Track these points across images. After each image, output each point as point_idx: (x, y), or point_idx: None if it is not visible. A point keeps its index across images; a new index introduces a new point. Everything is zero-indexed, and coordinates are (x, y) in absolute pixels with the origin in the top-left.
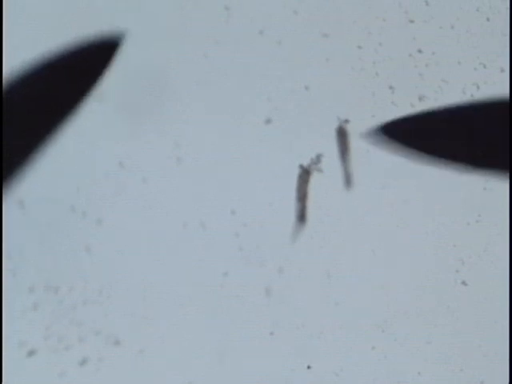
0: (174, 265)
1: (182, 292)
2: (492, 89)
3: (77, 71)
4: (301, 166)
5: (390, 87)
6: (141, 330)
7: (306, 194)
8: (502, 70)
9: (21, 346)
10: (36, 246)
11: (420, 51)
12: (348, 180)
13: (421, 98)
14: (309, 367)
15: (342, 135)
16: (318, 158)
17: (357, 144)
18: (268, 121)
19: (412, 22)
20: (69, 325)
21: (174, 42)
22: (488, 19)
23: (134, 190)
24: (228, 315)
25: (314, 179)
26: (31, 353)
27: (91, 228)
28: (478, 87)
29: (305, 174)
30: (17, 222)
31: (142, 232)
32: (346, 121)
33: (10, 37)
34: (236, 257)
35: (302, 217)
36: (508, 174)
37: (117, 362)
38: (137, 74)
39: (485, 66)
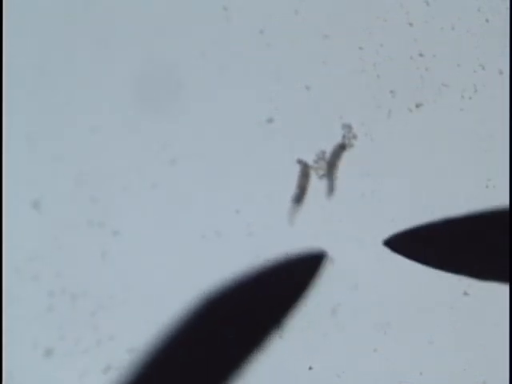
0: (185, 271)
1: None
2: (490, 91)
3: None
4: (299, 161)
5: (391, 91)
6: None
7: (307, 184)
8: (501, 72)
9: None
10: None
11: (421, 55)
12: (330, 190)
13: (420, 104)
14: (310, 368)
15: (340, 148)
16: (321, 154)
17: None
18: (270, 120)
19: (413, 23)
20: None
21: (173, 41)
22: (487, 20)
23: (144, 196)
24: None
25: (315, 179)
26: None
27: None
28: (476, 90)
29: (305, 168)
30: (35, 226)
31: (154, 239)
32: (349, 127)
33: (9, 37)
34: (244, 258)
35: (298, 199)
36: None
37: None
38: (137, 73)
39: (484, 68)
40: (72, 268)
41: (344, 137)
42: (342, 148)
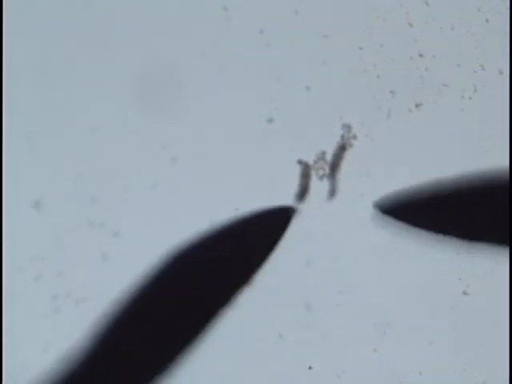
0: None
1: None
2: (490, 91)
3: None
4: (300, 161)
5: (391, 91)
6: None
7: (308, 184)
8: (501, 72)
9: None
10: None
11: (421, 55)
12: (332, 192)
13: (420, 104)
14: (310, 368)
15: (340, 149)
16: (321, 155)
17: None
18: (270, 120)
19: (413, 23)
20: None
21: (173, 41)
22: (487, 20)
23: (144, 196)
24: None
25: (315, 179)
26: None
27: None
28: (476, 90)
29: (306, 168)
30: (36, 227)
31: (154, 239)
32: (349, 127)
33: (9, 37)
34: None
35: (300, 198)
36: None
37: None
38: (137, 73)
39: (483, 68)
40: (73, 268)
41: (343, 137)
42: (342, 149)
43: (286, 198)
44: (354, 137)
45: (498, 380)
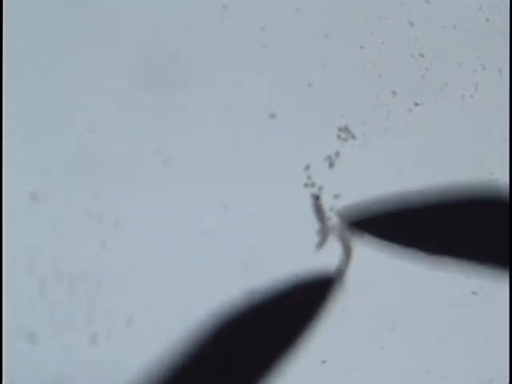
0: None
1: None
2: (491, 90)
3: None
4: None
5: (393, 90)
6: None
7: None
8: (501, 72)
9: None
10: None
11: (421, 54)
12: (322, 241)
13: (420, 103)
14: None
15: (317, 207)
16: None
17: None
18: (272, 115)
19: (414, 21)
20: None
21: (173, 40)
22: (488, 19)
23: (143, 192)
24: None
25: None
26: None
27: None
28: (477, 89)
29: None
30: (33, 219)
31: (153, 236)
32: (347, 129)
33: (8, 36)
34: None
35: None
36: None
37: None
38: (137, 71)
39: (484, 67)
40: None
41: (339, 137)
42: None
43: (287, 194)
44: (353, 137)
45: (505, 378)
